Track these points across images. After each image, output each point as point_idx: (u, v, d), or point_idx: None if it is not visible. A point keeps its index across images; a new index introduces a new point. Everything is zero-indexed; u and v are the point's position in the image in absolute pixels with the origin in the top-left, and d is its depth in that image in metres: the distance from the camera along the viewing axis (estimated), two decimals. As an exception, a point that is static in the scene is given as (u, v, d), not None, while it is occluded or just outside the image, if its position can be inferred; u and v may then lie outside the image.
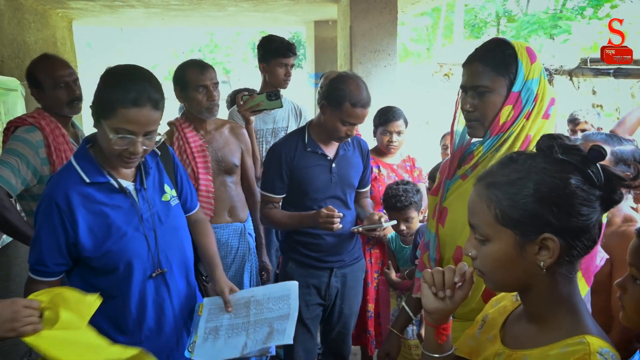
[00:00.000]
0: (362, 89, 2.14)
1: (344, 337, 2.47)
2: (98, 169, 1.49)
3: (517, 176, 0.91)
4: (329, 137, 2.25)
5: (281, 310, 1.66)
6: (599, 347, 0.86)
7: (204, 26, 8.44)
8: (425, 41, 18.19)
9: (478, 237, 0.96)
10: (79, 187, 1.46)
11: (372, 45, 4.23)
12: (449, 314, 1.05)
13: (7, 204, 2.03)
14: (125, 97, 1.37)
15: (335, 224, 2.07)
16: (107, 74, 1.44)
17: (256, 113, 2.68)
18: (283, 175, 2.25)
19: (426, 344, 1.12)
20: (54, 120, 2.21)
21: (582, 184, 0.88)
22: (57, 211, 1.43)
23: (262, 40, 2.92)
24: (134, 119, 1.38)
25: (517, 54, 1.36)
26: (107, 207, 1.49)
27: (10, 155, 2.06)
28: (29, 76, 2.24)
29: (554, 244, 0.88)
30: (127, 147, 1.41)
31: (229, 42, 20.79)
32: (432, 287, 1.03)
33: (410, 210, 2.42)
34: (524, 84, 1.36)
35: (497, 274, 0.95)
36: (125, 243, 1.50)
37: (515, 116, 1.37)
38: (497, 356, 1.00)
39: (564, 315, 0.93)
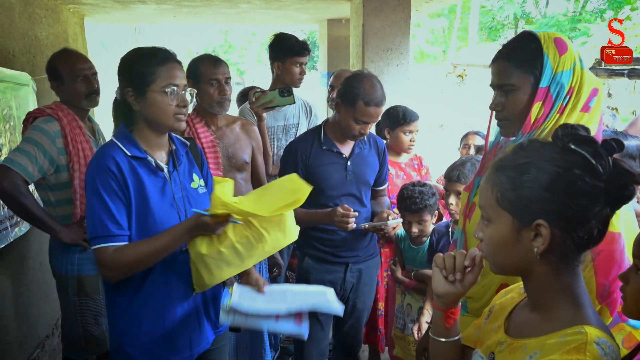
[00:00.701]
0: (377, 88, 2.14)
1: (355, 332, 2.49)
2: (137, 146, 1.59)
3: (522, 162, 0.93)
4: (344, 136, 2.26)
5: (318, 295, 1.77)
6: (597, 337, 0.87)
7: (216, 24, 8.47)
8: (442, 43, 18.09)
9: (484, 218, 0.99)
10: (124, 158, 1.55)
11: (385, 43, 4.19)
12: (458, 298, 1.08)
13: (24, 189, 2.11)
14: (159, 59, 1.55)
15: (349, 223, 2.09)
16: (130, 56, 1.59)
17: (269, 110, 2.68)
18: (299, 172, 2.25)
19: (433, 328, 1.14)
20: (71, 112, 2.30)
21: (584, 174, 0.87)
22: (112, 176, 1.52)
23: (276, 38, 2.90)
24: (174, 73, 1.56)
25: (542, 47, 1.30)
26: (146, 181, 1.57)
27: (27, 143, 2.15)
28: (50, 69, 2.33)
29: (545, 231, 0.90)
30: (178, 103, 1.56)
31: (244, 42, 20.89)
32: (442, 271, 1.06)
33: (424, 213, 2.39)
34: (552, 78, 1.29)
35: (497, 257, 0.99)
36: (162, 217, 1.58)
37: (546, 112, 1.31)
38: (499, 345, 1.02)
39: (564, 305, 0.94)
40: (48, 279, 2.88)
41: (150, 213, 1.56)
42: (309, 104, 3.08)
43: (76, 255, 2.33)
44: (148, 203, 1.56)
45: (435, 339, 1.14)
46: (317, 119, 3.05)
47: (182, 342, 1.67)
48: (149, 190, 1.56)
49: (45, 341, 2.88)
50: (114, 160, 1.53)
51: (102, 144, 1.61)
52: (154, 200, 1.57)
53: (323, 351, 2.42)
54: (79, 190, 2.27)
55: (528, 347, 0.94)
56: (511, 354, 0.97)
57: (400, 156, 2.90)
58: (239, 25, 9.81)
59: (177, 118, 1.58)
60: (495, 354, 1.02)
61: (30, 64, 2.91)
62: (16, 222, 2.52)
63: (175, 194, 1.63)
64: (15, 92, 2.61)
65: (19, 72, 2.70)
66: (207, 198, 1.73)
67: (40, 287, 2.86)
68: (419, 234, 2.43)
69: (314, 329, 2.29)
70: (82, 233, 2.27)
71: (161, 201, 1.59)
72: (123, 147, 1.56)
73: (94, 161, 1.56)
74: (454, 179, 2.16)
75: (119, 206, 1.52)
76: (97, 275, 2.38)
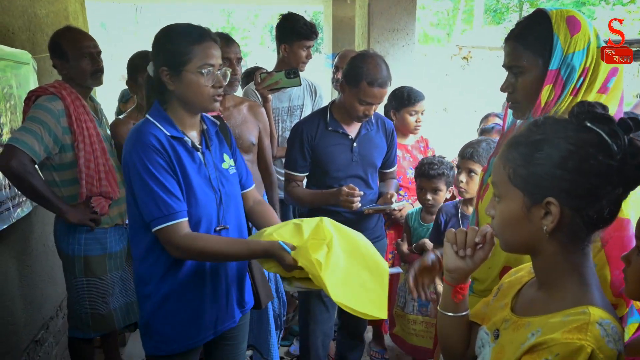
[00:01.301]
0: (381, 68, 2.10)
1: None
2: (174, 126, 1.57)
3: (536, 138, 0.92)
4: (349, 117, 2.24)
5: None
6: (600, 318, 0.87)
7: (219, 3, 8.39)
8: (446, 26, 17.92)
9: (495, 195, 0.99)
10: (163, 137, 1.53)
11: (390, 24, 4.13)
12: (468, 273, 1.09)
13: (31, 169, 2.10)
14: (194, 37, 1.51)
15: (355, 202, 2.07)
16: (166, 32, 1.54)
17: (274, 91, 2.65)
18: (305, 153, 2.26)
19: (442, 302, 1.16)
20: (74, 91, 2.28)
21: (598, 153, 0.85)
22: (158, 153, 1.50)
23: (284, 19, 2.85)
24: (210, 53, 1.52)
25: (552, 27, 1.24)
26: (184, 160, 1.56)
27: (33, 122, 2.13)
28: (53, 46, 2.30)
29: (555, 209, 0.90)
30: (214, 83, 1.53)
31: (247, 24, 20.66)
32: (453, 246, 1.08)
33: (439, 181, 2.41)
34: (562, 60, 1.24)
35: (506, 234, 0.99)
36: (202, 198, 1.58)
37: (557, 95, 1.26)
38: (505, 322, 1.03)
39: (571, 285, 0.94)
40: (51, 260, 2.88)
41: (193, 193, 1.56)
42: (313, 85, 3.05)
43: (82, 235, 2.33)
44: (191, 183, 1.56)
45: (444, 314, 1.15)
46: (322, 100, 3.03)
47: (208, 320, 1.69)
48: (189, 169, 1.56)
49: (50, 322, 2.89)
50: (156, 137, 1.51)
51: (137, 124, 1.58)
52: (196, 180, 1.57)
53: (328, 332, 2.43)
54: (84, 170, 2.25)
55: (531, 325, 0.94)
56: (515, 332, 0.97)
57: (406, 138, 2.87)
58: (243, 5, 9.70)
59: (213, 99, 1.56)
60: (500, 330, 1.03)
61: (31, 42, 2.86)
62: (18, 202, 2.50)
63: (211, 175, 1.63)
64: (15, 70, 2.57)
65: (20, 50, 2.65)
66: (236, 179, 1.75)
67: (43, 269, 2.86)
68: (432, 203, 2.43)
69: (318, 310, 2.30)
70: (88, 213, 2.27)
71: (200, 181, 1.59)
72: (161, 127, 1.54)
73: (133, 141, 1.52)
74: (467, 156, 2.15)
75: (171, 182, 1.51)
76: (104, 255, 2.39)
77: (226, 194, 1.67)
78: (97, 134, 2.32)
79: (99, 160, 2.30)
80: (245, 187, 1.85)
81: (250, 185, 1.87)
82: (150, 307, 1.62)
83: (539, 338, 0.88)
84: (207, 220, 1.62)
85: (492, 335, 1.05)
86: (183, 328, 1.64)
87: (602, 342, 0.84)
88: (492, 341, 1.04)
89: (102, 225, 2.36)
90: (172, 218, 1.49)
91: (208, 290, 1.66)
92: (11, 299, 2.47)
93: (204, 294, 1.66)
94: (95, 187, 2.28)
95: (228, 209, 1.68)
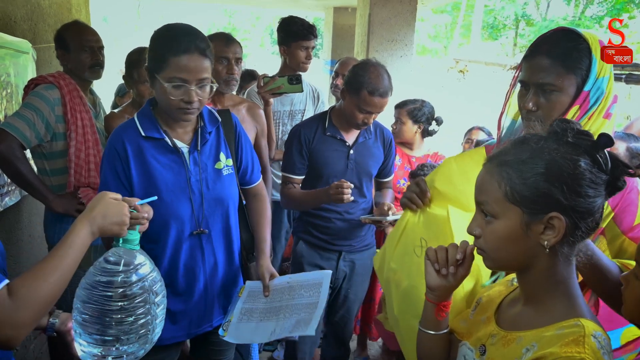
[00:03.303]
0: (383, 78, 2.11)
1: (346, 321, 2.49)
2: (155, 126, 1.56)
3: (528, 155, 0.92)
4: (348, 124, 2.25)
5: (311, 297, 1.70)
6: (594, 330, 0.88)
7: (224, 3, 8.40)
8: (443, 39, 18.08)
9: (486, 214, 0.97)
10: (135, 139, 1.54)
11: (390, 34, 4.18)
12: (451, 291, 1.09)
13: (20, 154, 2.11)
14: (174, 47, 1.45)
15: (345, 194, 2.05)
16: (155, 34, 1.52)
17: (276, 96, 2.66)
18: (303, 155, 2.26)
19: (424, 320, 1.15)
20: (73, 82, 2.31)
21: (591, 167, 0.90)
22: (117, 157, 1.53)
23: (282, 22, 2.87)
24: (185, 66, 1.45)
25: (590, 48, 1.20)
26: (158, 163, 1.55)
27: (27, 109, 2.15)
28: (58, 37, 2.34)
29: (560, 223, 0.90)
30: (182, 97, 1.47)
31: (248, 26, 20.71)
32: (435, 264, 1.07)
33: None
34: (594, 83, 1.21)
35: (500, 252, 0.97)
36: (168, 202, 1.55)
37: (580, 116, 1.23)
38: (491, 337, 1.01)
39: (559, 297, 0.95)
40: (37, 252, 2.86)
41: (158, 195, 1.49)
42: (317, 91, 3.06)
43: (68, 226, 2.29)
44: (156, 185, 1.54)
45: (425, 332, 1.14)
46: (324, 105, 3.04)
47: (181, 320, 1.67)
48: (159, 172, 1.54)
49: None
50: (122, 141, 1.53)
51: (124, 122, 1.61)
52: (164, 182, 1.55)
53: (315, 340, 2.42)
54: (74, 159, 2.25)
55: (523, 340, 0.93)
56: (505, 347, 0.96)
57: (415, 150, 2.91)
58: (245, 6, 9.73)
59: (182, 111, 1.51)
60: (486, 346, 1.01)
61: (32, 31, 2.86)
62: (6, 191, 2.49)
63: (192, 177, 1.59)
64: (14, 59, 2.57)
65: (20, 39, 2.65)
66: (231, 180, 1.69)
67: (29, 260, 2.83)
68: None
69: None
70: (75, 203, 2.26)
71: (172, 183, 1.56)
72: (140, 127, 1.55)
73: (110, 138, 1.58)
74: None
75: (118, 185, 1.53)
76: (89, 248, 2.36)
77: (211, 196, 1.63)
78: (91, 125, 2.32)
79: (90, 151, 2.30)
80: (250, 183, 1.84)
81: (256, 180, 1.86)
82: None
83: (537, 353, 0.88)
84: (178, 223, 1.59)
85: (477, 350, 1.03)
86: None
87: (598, 354, 0.85)
88: (477, 357, 1.03)
89: (88, 217, 2.35)
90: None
91: (182, 291, 1.65)
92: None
93: (178, 293, 1.65)
94: (83, 177, 2.28)
95: (212, 213, 1.64)
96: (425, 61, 14.88)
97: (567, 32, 1.26)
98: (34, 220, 2.81)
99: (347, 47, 6.30)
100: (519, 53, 15.66)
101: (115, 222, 1.19)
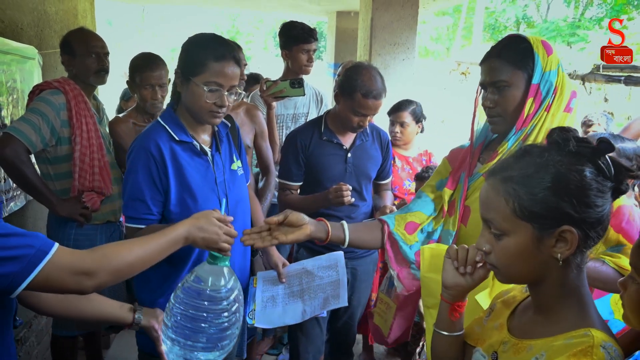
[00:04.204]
0: (376, 80, 2.10)
1: (349, 327, 2.48)
2: (184, 129, 1.60)
3: (533, 169, 0.92)
4: (343, 127, 2.24)
5: (331, 277, 1.79)
6: (603, 341, 0.87)
7: (228, 7, 8.45)
8: (445, 41, 18.08)
9: (494, 231, 0.96)
10: (168, 143, 1.57)
11: (392, 38, 4.21)
12: (467, 291, 1.08)
13: (25, 158, 2.14)
14: (214, 53, 1.52)
15: (346, 196, 2.05)
16: (192, 40, 1.60)
17: (278, 99, 2.68)
18: (300, 162, 2.25)
19: (438, 321, 1.14)
20: (77, 87, 2.33)
21: (596, 175, 0.89)
22: (152, 160, 1.55)
23: (283, 27, 2.91)
24: (222, 72, 1.52)
25: (532, 46, 1.35)
26: (189, 166, 1.59)
27: (32, 113, 2.18)
28: (64, 43, 2.38)
29: (572, 236, 0.89)
30: (215, 101, 1.54)
31: (251, 28, 20.76)
32: (454, 262, 1.07)
33: None
34: (542, 76, 1.34)
35: (513, 268, 0.96)
36: (202, 203, 1.60)
37: (536, 108, 1.35)
38: (503, 344, 1.01)
39: (571, 307, 0.94)
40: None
41: (192, 198, 1.59)
42: (320, 94, 3.07)
43: (72, 230, 2.34)
44: (190, 188, 1.58)
45: (439, 333, 1.13)
46: (328, 108, 3.04)
47: None
48: (191, 175, 1.59)
49: (33, 321, 2.85)
50: (157, 144, 1.55)
51: (148, 127, 1.64)
52: (196, 184, 1.59)
53: (319, 348, 2.39)
54: (78, 163, 2.27)
55: (534, 348, 0.93)
56: (516, 355, 0.97)
57: (408, 150, 2.91)
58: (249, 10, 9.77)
59: (211, 114, 1.56)
60: (498, 353, 1.01)
61: (38, 37, 2.90)
62: (12, 196, 2.52)
63: (217, 178, 1.65)
64: (20, 65, 2.60)
65: (26, 45, 2.69)
66: (243, 180, 1.79)
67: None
68: None
69: (310, 325, 2.26)
70: (78, 208, 2.28)
71: (203, 185, 1.61)
72: (171, 131, 1.58)
73: (137, 142, 1.58)
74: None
75: (153, 191, 1.56)
76: None
77: (233, 198, 1.69)
78: (95, 130, 2.34)
79: (95, 156, 2.32)
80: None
81: (248, 181, 1.91)
82: (150, 304, 1.60)
83: None
84: None
85: (489, 357, 1.03)
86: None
87: None
88: None
89: (92, 221, 2.37)
90: (136, 222, 1.57)
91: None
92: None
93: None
94: (88, 181, 2.30)
95: (234, 213, 1.68)
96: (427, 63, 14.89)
97: (514, 37, 1.42)
98: (38, 224, 2.83)
99: (349, 50, 6.33)
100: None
101: (208, 240, 1.32)
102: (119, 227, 2.58)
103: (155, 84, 2.45)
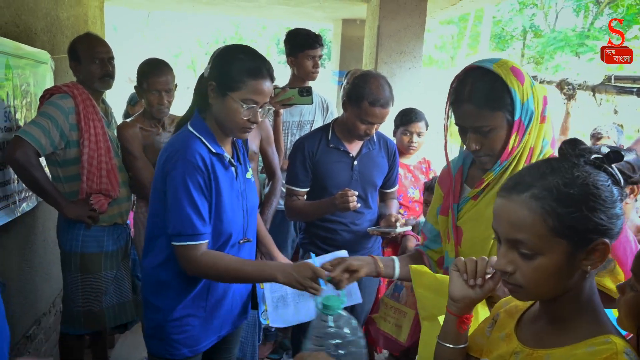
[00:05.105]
0: (384, 89, 2.11)
1: None
2: (216, 141, 1.60)
3: (563, 185, 0.89)
4: (350, 135, 2.25)
5: None
6: (625, 347, 0.87)
7: (233, 15, 8.51)
8: (450, 50, 18.09)
9: (524, 251, 0.92)
10: (207, 155, 1.56)
11: (399, 46, 4.23)
12: (475, 304, 1.08)
13: (35, 161, 2.17)
14: (253, 71, 1.52)
15: (351, 202, 2.06)
16: (227, 52, 1.57)
17: (286, 107, 2.70)
18: (307, 168, 2.27)
19: (443, 334, 1.13)
20: (85, 92, 2.37)
21: (614, 184, 0.91)
22: (199, 172, 1.52)
23: (289, 34, 2.94)
24: (260, 90, 1.53)
25: (505, 82, 1.28)
26: (222, 178, 1.59)
27: (42, 117, 2.22)
28: (71, 49, 2.42)
29: (605, 247, 0.89)
30: (249, 117, 1.54)
31: (254, 35, 20.83)
32: (463, 275, 1.06)
33: None
34: (522, 108, 1.30)
35: (543, 287, 0.93)
36: (232, 213, 1.62)
37: (520, 139, 1.34)
38: (515, 354, 0.99)
39: (585, 314, 0.94)
40: (49, 256, 2.91)
41: (223, 208, 1.59)
42: (325, 101, 3.09)
43: (80, 232, 2.37)
44: (222, 198, 1.59)
45: (443, 345, 1.12)
46: (333, 116, 3.06)
47: (216, 325, 1.72)
48: (223, 186, 1.59)
49: (42, 318, 2.89)
50: (201, 156, 1.53)
51: (182, 135, 1.62)
52: (226, 195, 1.60)
53: None
54: (86, 166, 2.31)
55: (551, 357, 0.93)
56: None
57: (409, 158, 2.93)
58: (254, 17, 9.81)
59: (243, 130, 1.57)
60: None
61: (50, 42, 2.94)
62: (24, 197, 2.55)
63: (240, 187, 1.67)
64: (34, 69, 2.64)
65: (39, 49, 2.72)
66: (255, 188, 1.81)
67: (41, 264, 2.88)
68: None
69: None
70: (87, 210, 2.31)
71: (231, 196, 1.63)
72: (207, 142, 1.56)
73: (179, 155, 1.53)
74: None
75: (204, 204, 1.54)
76: (100, 254, 2.43)
77: (251, 205, 1.72)
78: (103, 134, 2.38)
79: (102, 159, 2.35)
80: None
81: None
82: (167, 311, 1.64)
83: None
84: (236, 235, 1.66)
85: None
86: (195, 334, 1.67)
87: None
88: None
89: (100, 223, 2.40)
90: (195, 239, 1.53)
91: (220, 296, 1.70)
92: (7, 293, 2.49)
93: (217, 299, 1.70)
94: (95, 184, 2.33)
95: (250, 221, 1.72)
96: (431, 72, 14.91)
97: (479, 73, 1.33)
98: (48, 225, 2.86)
99: (355, 58, 6.35)
100: (526, 64, 15.64)
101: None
102: (126, 230, 2.61)
103: (161, 90, 2.47)
